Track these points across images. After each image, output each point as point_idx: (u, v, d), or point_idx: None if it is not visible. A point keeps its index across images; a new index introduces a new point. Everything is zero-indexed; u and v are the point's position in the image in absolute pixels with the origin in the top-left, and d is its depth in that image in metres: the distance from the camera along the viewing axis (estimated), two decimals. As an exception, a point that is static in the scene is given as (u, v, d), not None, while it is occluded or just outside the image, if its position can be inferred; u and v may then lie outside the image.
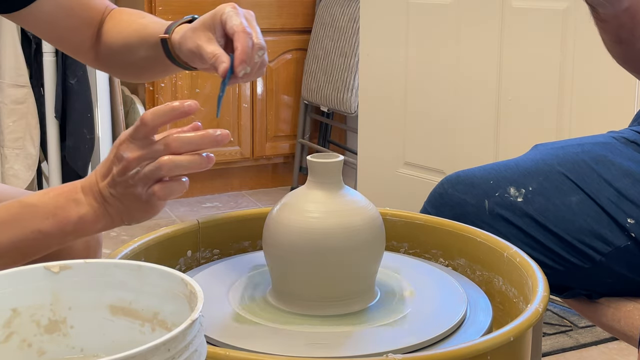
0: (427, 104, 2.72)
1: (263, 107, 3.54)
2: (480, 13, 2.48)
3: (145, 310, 0.64)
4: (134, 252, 0.95)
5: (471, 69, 2.53)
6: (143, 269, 0.63)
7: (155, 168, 0.85)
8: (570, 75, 2.23)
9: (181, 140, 0.85)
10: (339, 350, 0.79)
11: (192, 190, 3.54)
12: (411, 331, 0.83)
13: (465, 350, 0.72)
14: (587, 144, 1.24)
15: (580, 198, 1.17)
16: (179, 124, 1.38)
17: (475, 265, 1.02)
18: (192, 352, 0.54)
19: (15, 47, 2.91)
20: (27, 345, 0.63)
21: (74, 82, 2.87)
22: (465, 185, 1.22)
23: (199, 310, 0.55)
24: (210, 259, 1.06)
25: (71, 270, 0.64)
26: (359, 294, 0.88)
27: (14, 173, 2.97)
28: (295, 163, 3.63)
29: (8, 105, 2.93)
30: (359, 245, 0.86)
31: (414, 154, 2.80)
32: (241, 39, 0.95)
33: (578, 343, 2.16)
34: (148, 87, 3.30)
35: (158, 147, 0.85)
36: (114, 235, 3.08)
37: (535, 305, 0.80)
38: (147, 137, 0.85)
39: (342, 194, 0.89)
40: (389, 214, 1.09)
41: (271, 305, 0.88)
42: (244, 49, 0.94)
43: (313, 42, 3.48)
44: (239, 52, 0.94)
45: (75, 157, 2.93)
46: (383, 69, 2.86)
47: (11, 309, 0.62)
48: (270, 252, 0.89)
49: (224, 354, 0.71)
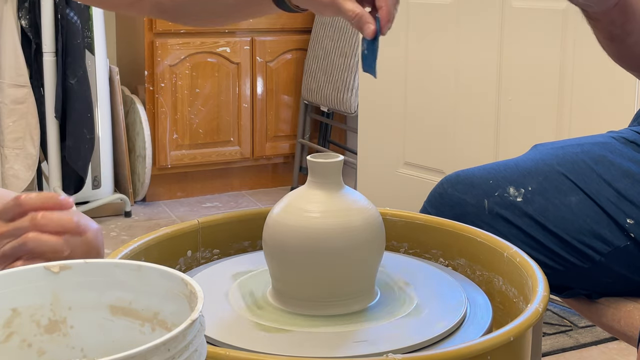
0: (427, 104, 2.72)
1: (263, 107, 3.54)
2: (480, 13, 2.48)
3: (145, 310, 0.64)
4: (134, 252, 0.95)
5: (471, 69, 2.53)
6: (143, 269, 0.63)
7: (19, 244, 0.80)
8: (570, 75, 2.23)
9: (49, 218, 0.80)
10: (339, 350, 0.79)
11: (192, 190, 3.55)
12: (411, 331, 0.83)
13: (465, 350, 0.72)
14: (586, 144, 1.24)
15: (579, 198, 1.17)
16: (179, 125, 1.38)
17: (475, 265, 1.02)
18: (192, 352, 0.54)
19: (15, 47, 2.91)
20: (27, 345, 0.63)
21: (74, 82, 2.87)
22: (465, 185, 1.22)
23: (199, 310, 0.55)
24: (210, 259, 1.06)
25: (71, 270, 0.64)
26: (359, 294, 0.88)
27: (14, 173, 2.97)
28: (295, 163, 3.63)
29: (8, 105, 2.93)
30: (359, 245, 0.86)
31: (414, 154, 2.80)
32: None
33: (578, 343, 2.16)
34: (148, 87, 3.30)
35: (23, 224, 0.81)
36: (114, 236, 3.08)
37: (535, 305, 0.80)
38: (15, 218, 0.82)
39: (342, 194, 0.89)
40: (389, 214, 1.09)
41: (271, 305, 0.88)
42: (389, 8, 0.92)
43: (313, 42, 3.48)
44: (385, 12, 0.92)
45: (75, 157, 2.93)
46: (383, 68, 2.86)
47: (11, 309, 0.62)
48: (270, 252, 0.89)
49: (224, 354, 0.71)
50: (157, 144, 3.33)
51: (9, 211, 0.82)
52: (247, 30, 3.44)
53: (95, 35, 3.09)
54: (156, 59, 3.27)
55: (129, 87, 3.41)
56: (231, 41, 3.41)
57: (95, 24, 3.10)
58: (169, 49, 3.29)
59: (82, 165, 2.96)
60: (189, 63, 3.34)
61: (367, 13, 0.93)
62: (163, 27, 3.26)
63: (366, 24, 0.92)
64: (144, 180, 3.30)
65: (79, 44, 2.89)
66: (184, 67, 3.33)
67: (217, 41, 3.38)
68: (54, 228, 0.81)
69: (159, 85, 3.30)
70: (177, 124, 3.36)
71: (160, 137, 3.33)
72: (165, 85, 3.31)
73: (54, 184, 2.98)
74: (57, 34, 2.86)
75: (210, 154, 3.45)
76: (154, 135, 3.31)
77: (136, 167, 3.34)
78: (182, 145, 3.39)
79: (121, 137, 3.25)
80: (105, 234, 3.10)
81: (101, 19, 3.15)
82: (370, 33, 0.92)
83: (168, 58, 3.29)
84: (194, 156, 3.42)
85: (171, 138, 3.36)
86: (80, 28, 2.90)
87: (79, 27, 2.89)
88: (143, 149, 3.25)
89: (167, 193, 3.50)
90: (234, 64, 3.43)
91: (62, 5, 2.85)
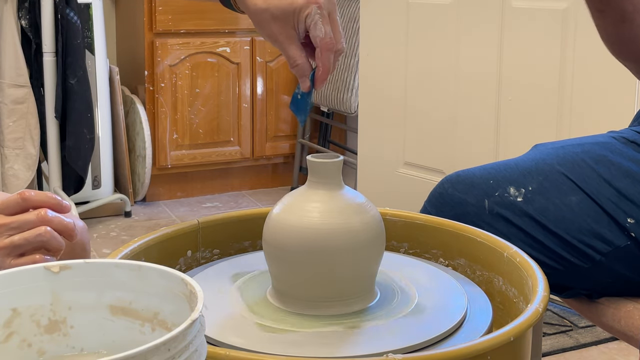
0: (427, 103, 2.72)
1: (263, 107, 3.54)
2: (480, 13, 2.48)
3: (145, 310, 0.64)
4: (134, 252, 0.95)
5: (471, 69, 2.53)
6: (143, 269, 0.63)
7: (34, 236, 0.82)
8: (570, 75, 2.23)
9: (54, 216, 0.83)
10: (339, 350, 0.79)
11: (192, 190, 3.55)
12: (411, 331, 0.83)
13: (465, 350, 0.72)
14: (587, 144, 1.24)
15: (580, 198, 1.17)
16: (179, 125, 1.37)
17: (475, 265, 1.02)
18: (192, 352, 0.54)
19: (15, 47, 2.91)
20: (27, 345, 0.63)
21: (74, 82, 2.87)
22: (466, 185, 1.22)
23: (199, 310, 0.55)
24: (210, 259, 1.06)
25: (71, 270, 0.64)
26: (359, 294, 0.88)
27: (14, 173, 2.97)
28: (295, 163, 3.63)
29: (8, 105, 2.93)
30: (358, 245, 0.86)
31: (414, 153, 2.80)
32: (325, 59, 0.94)
33: (578, 343, 2.16)
34: (148, 87, 3.30)
35: (30, 218, 0.83)
36: (114, 236, 3.08)
37: (535, 305, 0.80)
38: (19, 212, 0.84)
39: (342, 194, 0.89)
40: (389, 214, 1.09)
41: (271, 305, 0.88)
42: (327, 68, 0.94)
43: (313, 42, 3.48)
44: (322, 72, 0.94)
45: (75, 157, 2.93)
46: (383, 69, 2.86)
47: (11, 309, 0.62)
48: (270, 252, 0.89)
49: (224, 354, 0.71)
50: (157, 144, 3.33)
51: (14, 205, 0.83)
52: (247, 30, 3.44)
53: (95, 35, 3.09)
54: (156, 59, 3.28)
55: (129, 87, 3.41)
56: (231, 41, 3.41)
57: (95, 24, 3.10)
58: (169, 49, 3.29)
59: (82, 165, 2.96)
60: (189, 63, 3.34)
61: (308, 65, 0.96)
62: (163, 27, 3.26)
63: (303, 77, 0.96)
64: (144, 180, 3.30)
65: (79, 44, 2.89)
66: (184, 67, 3.33)
67: (217, 41, 3.38)
68: (57, 227, 0.83)
69: (159, 85, 3.30)
70: (177, 124, 3.36)
71: (160, 137, 3.33)
72: (165, 85, 3.31)
73: (54, 184, 2.98)
74: (57, 34, 2.86)
75: (210, 154, 3.45)
76: (154, 135, 3.31)
77: (136, 167, 3.34)
78: (182, 145, 3.39)
79: (121, 137, 3.25)
80: (105, 234, 3.10)
81: (101, 19, 3.15)
82: (305, 88, 0.96)
83: (168, 58, 3.30)
84: (194, 156, 3.42)
85: (171, 138, 3.36)
86: (80, 28, 2.90)
87: (79, 27, 2.89)
88: (143, 149, 3.26)
89: (167, 193, 3.50)
90: (234, 64, 3.43)
91: (62, 5, 2.85)
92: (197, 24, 3.33)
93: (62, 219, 0.84)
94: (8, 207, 0.84)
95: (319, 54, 0.95)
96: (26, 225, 0.83)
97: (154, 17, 3.25)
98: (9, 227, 0.83)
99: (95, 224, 3.19)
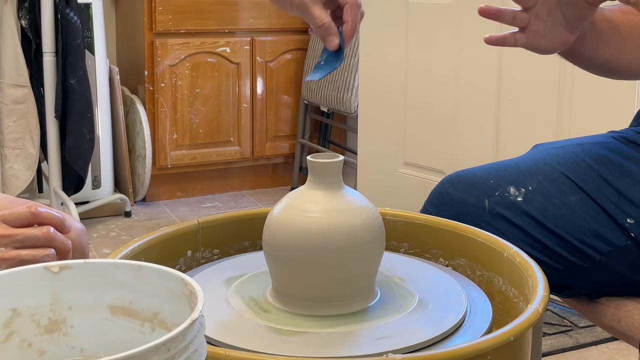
0: (427, 103, 2.72)
1: (263, 107, 3.54)
2: (480, 13, 2.47)
3: (145, 310, 0.64)
4: (134, 252, 0.95)
5: (471, 68, 2.53)
6: (143, 269, 0.63)
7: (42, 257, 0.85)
8: (570, 75, 2.23)
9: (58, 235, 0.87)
10: (339, 350, 0.79)
11: (192, 190, 3.55)
12: (411, 331, 0.83)
13: (465, 350, 0.72)
14: (587, 143, 1.24)
15: (580, 197, 1.17)
16: (179, 125, 1.37)
17: (475, 265, 1.02)
18: (192, 352, 0.54)
19: (15, 47, 2.91)
20: (27, 345, 0.63)
21: (74, 82, 2.87)
22: (466, 185, 1.22)
23: (199, 310, 0.55)
24: (210, 259, 1.06)
25: (71, 270, 0.64)
26: (359, 294, 0.88)
27: (13, 173, 2.97)
28: (295, 163, 3.63)
29: (8, 105, 2.93)
30: (358, 245, 0.86)
31: (414, 153, 2.80)
32: (353, 14, 0.92)
33: (578, 343, 2.16)
34: (148, 87, 3.30)
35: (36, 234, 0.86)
36: (114, 236, 3.08)
37: (535, 305, 0.80)
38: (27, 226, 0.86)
39: (342, 194, 0.89)
40: (389, 214, 1.09)
41: (271, 305, 0.88)
42: (354, 24, 0.92)
43: (313, 42, 3.48)
44: (350, 28, 0.93)
45: (75, 157, 2.93)
46: (383, 69, 2.86)
47: (11, 309, 0.62)
48: (270, 252, 0.89)
49: (224, 354, 0.71)
50: (157, 144, 3.33)
51: (22, 218, 0.86)
52: (247, 30, 3.44)
53: (95, 35, 3.09)
54: (156, 59, 3.27)
55: (129, 87, 3.41)
56: (231, 41, 3.41)
57: (95, 24, 3.10)
58: (169, 49, 3.29)
59: (82, 165, 2.96)
60: (189, 63, 3.34)
61: (334, 25, 0.94)
62: (163, 27, 3.26)
63: (331, 35, 0.93)
64: (144, 180, 3.30)
65: (79, 44, 2.89)
66: (184, 67, 3.33)
67: (217, 41, 3.38)
68: (58, 246, 0.87)
69: (158, 85, 3.30)
70: (177, 124, 3.36)
71: (160, 137, 3.33)
72: (165, 85, 3.31)
73: (54, 184, 2.98)
74: (57, 34, 2.86)
75: (210, 154, 3.45)
76: (154, 135, 3.31)
77: (136, 167, 3.34)
78: (182, 145, 3.39)
79: (121, 137, 3.25)
80: (105, 234, 3.10)
81: (101, 19, 3.15)
82: (333, 46, 0.93)
83: (168, 58, 3.29)
84: (194, 156, 3.42)
85: (171, 138, 3.36)
86: (80, 28, 2.90)
87: (79, 27, 2.89)
88: (143, 149, 3.25)
89: (167, 193, 3.50)
90: (234, 64, 3.43)
91: (62, 5, 2.85)
92: (197, 24, 3.33)
93: (63, 239, 0.88)
94: (17, 218, 0.86)
95: (348, 9, 0.93)
96: (31, 240, 0.86)
97: (154, 17, 3.25)
98: (15, 239, 0.85)
99: (95, 224, 3.19)
